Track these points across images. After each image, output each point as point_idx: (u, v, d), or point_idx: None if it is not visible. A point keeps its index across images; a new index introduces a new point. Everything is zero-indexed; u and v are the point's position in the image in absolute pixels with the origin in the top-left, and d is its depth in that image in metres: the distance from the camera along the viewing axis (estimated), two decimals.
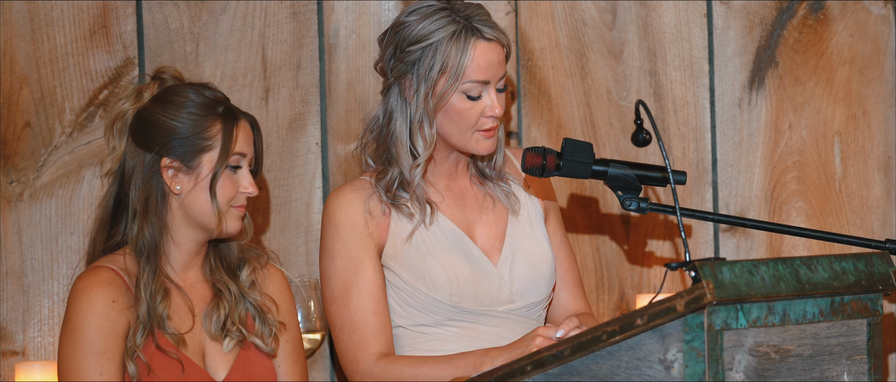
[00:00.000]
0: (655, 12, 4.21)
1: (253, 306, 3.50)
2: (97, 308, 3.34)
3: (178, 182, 3.40)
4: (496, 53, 3.55)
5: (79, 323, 3.33)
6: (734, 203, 4.25)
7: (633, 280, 4.24)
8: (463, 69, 3.52)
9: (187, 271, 3.48)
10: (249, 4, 4.10)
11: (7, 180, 4.02)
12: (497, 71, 3.56)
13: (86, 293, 3.35)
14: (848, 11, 4.25)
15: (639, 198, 3.46)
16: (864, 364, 3.16)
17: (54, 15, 4.03)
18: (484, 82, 3.54)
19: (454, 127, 3.57)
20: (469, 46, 3.52)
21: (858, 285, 3.12)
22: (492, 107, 3.55)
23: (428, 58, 3.53)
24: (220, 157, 3.40)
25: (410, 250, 3.58)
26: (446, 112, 3.56)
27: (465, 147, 3.60)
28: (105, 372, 3.31)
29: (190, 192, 3.41)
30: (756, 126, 4.24)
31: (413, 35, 3.55)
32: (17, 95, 4.02)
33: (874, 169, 4.27)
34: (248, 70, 4.11)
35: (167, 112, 3.41)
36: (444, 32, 3.52)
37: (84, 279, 3.38)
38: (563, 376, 3.06)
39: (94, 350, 3.32)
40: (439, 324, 3.59)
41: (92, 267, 3.42)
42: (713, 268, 2.95)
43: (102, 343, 3.32)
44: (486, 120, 3.56)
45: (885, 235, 4.26)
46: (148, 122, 3.42)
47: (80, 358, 3.32)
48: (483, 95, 3.55)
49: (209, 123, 3.41)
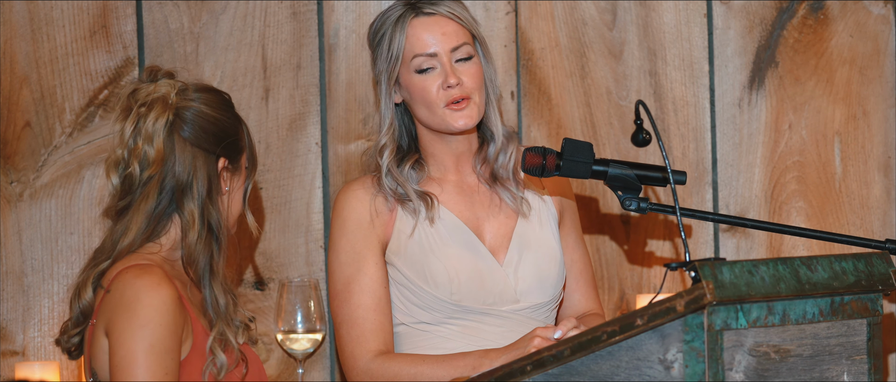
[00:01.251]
0: (655, 12, 4.21)
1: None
2: (169, 307, 3.19)
3: (226, 183, 3.35)
4: (440, 25, 3.58)
5: (148, 321, 3.18)
6: (734, 203, 4.25)
7: (633, 280, 4.24)
8: (402, 48, 3.57)
9: None
10: (249, 4, 4.10)
11: (7, 180, 4.02)
12: (443, 42, 3.57)
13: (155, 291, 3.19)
14: (848, 11, 4.25)
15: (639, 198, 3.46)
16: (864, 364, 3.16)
17: (54, 15, 4.03)
18: (431, 55, 3.56)
19: (423, 109, 3.59)
20: (406, 25, 3.57)
21: (858, 285, 3.12)
22: (447, 76, 3.56)
23: (383, 47, 3.61)
24: (249, 159, 3.36)
25: (413, 246, 3.58)
26: (410, 95, 3.59)
27: (442, 126, 3.59)
28: (171, 372, 3.25)
29: (228, 193, 3.35)
30: (756, 126, 4.24)
31: (373, 29, 3.64)
32: (17, 95, 4.02)
33: (874, 169, 4.27)
34: (248, 70, 4.11)
35: (221, 111, 3.30)
36: (390, 21, 3.60)
37: (147, 276, 3.21)
38: (563, 376, 3.06)
39: (163, 347, 3.18)
40: (441, 322, 3.59)
41: (144, 266, 3.25)
42: (713, 268, 2.95)
43: (171, 343, 3.23)
44: (445, 91, 3.57)
45: (885, 235, 4.26)
46: (210, 121, 3.28)
47: (152, 359, 3.18)
48: (436, 67, 3.57)
49: (239, 122, 3.37)
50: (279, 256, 4.11)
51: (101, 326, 3.31)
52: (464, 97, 3.58)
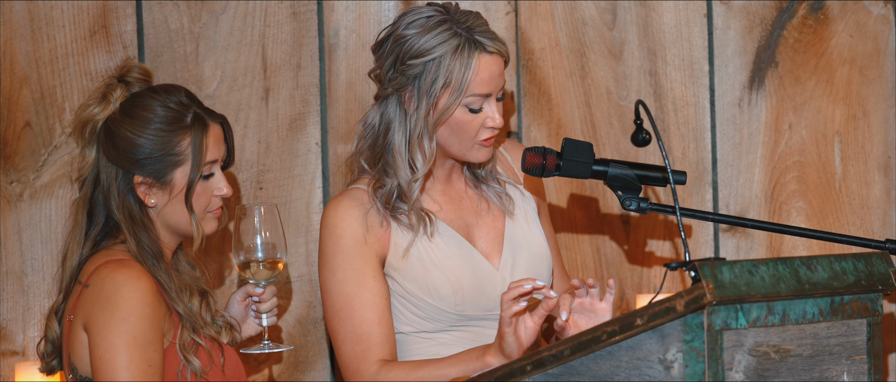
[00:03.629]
0: (655, 12, 4.21)
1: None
2: (148, 300, 3.28)
3: (152, 197, 3.39)
4: (498, 65, 3.54)
5: (128, 314, 3.26)
6: (734, 203, 4.25)
7: (633, 280, 4.24)
8: (466, 84, 3.50)
9: None
10: (249, 4, 4.10)
11: (7, 180, 4.02)
12: (498, 83, 3.55)
13: (134, 284, 3.29)
14: (848, 11, 4.25)
15: (639, 198, 3.46)
16: (863, 364, 3.16)
17: (54, 15, 4.03)
18: (486, 95, 3.54)
19: (455, 139, 3.56)
20: (473, 61, 3.50)
21: (858, 285, 3.13)
22: (493, 119, 3.55)
23: (430, 72, 3.51)
24: (192, 169, 3.38)
25: (413, 261, 3.57)
26: (448, 124, 3.54)
27: (465, 157, 3.59)
28: (154, 364, 3.27)
29: (165, 205, 3.40)
30: (756, 126, 4.24)
31: (415, 49, 3.51)
32: (17, 95, 4.02)
33: (874, 169, 4.27)
34: (248, 70, 4.11)
35: (135, 128, 3.37)
36: (446, 47, 3.50)
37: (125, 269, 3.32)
38: (563, 376, 3.06)
39: (144, 340, 3.26)
40: (442, 330, 3.59)
41: (121, 261, 3.35)
42: (713, 268, 2.95)
43: (152, 334, 3.27)
44: (486, 131, 3.56)
45: (885, 235, 4.26)
46: (117, 137, 3.39)
47: (129, 351, 3.25)
48: (484, 106, 3.55)
49: (179, 137, 3.38)
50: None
51: (79, 321, 3.34)
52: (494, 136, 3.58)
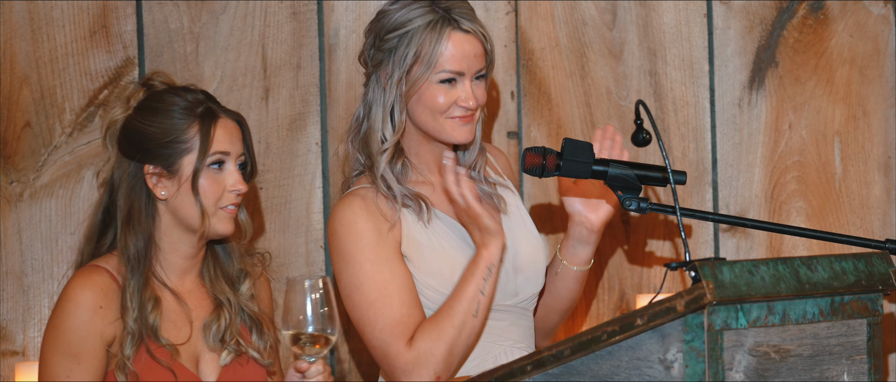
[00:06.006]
0: (655, 12, 4.21)
1: (251, 318, 3.49)
2: (81, 311, 3.35)
3: (162, 187, 3.41)
4: (473, 45, 3.56)
5: (61, 322, 3.36)
6: (734, 203, 4.25)
7: (633, 280, 4.24)
8: (436, 58, 3.53)
9: (184, 276, 3.47)
10: (249, 4, 4.10)
11: (7, 180, 4.02)
12: (472, 63, 3.56)
13: (75, 293, 3.37)
14: (848, 11, 4.25)
15: (639, 198, 3.46)
16: (864, 364, 3.16)
17: (54, 15, 4.03)
18: (458, 73, 3.55)
19: (428, 115, 3.57)
20: (444, 36, 3.54)
21: (858, 285, 3.13)
22: (466, 98, 3.56)
23: (404, 45, 3.55)
24: (198, 156, 3.40)
25: (422, 247, 3.58)
26: (419, 97, 3.57)
27: (440, 134, 3.59)
28: (73, 374, 3.32)
29: (175, 196, 3.41)
30: (756, 126, 4.24)
31: (391, 23, 3.57)
32: (17, 95, 4.02)
33: (874, 169, 4.27)
34: (248, 70, 4.11)
35: (146, 119, 3.42)
36: (421, 21, 3.54)
37: (79, 279, 3.40)
38: (563, 376, 3.06)
39: (68, 351, 3.34)
40: None
41: (91, 266, 3.42)
42: (713, 268, 2.95)
43: (77, 345, 3.34)
44: (459, 109, 3.57)
45: (885, 235, 4.26)
46: (129, 130, 3.43)
47: (53, 356, 3.35)
48: (457, 85, 3.56)
49: (187, 125, 3.41)
50: (279, 256, 4.11)
51: None
52: (472, 114, 3.59)
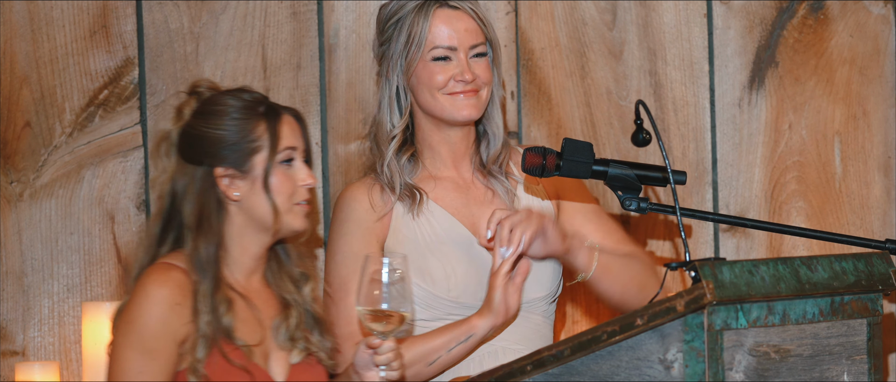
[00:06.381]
0: (655, 12, 4.21)
1: (313, 319, 3.49)
2: (159, 308, 3.30)
3: (235, 189, 3.39)
4: (463, 21, 3.60)
5: (136, 318, 3.29)
6: (734, 203, 4.25)
7: None
8: (425, 36, 3.58)
9: (251, 277, 3.45)
10: (249, 4, 4.10)
11: (7, 180, 4.02)
12: (464, 38, 3.59)
13: (152, 289, 3.31)
14: (848, 11, 4.25)
15: (639, 198, 3.46)
16: (864, 364, 3.16)
17: (54, 15, 4.03)
18: (450, 48, 3.58)
19: (427, 93, 3.60)
20: (430, 15, 3.58)
21: (858, 285, 3.13)
22: (462, 71, 3.58)
23: (397, 32, 3.60)
24: (269, 154, 3.40)
25: (409, 244, 3.58)
26: (418, 79, 3.60)
27: (442, 112, 3.60)
28: (145, 372, 3.28)
29: (249, 196, 3.39)
30: (756, 126, 4.24)
31: (386, 14, 3.63)
32: (17, 95, 4.02)
33: (874, 169, 4.27)
34: (248, 70, 4.11)
35: (211, 123, 3.39)
36: (410, 6, 3.60)
37: (155, 275, 3.34)
38: (563, 376, 3.06)
39: (142, 347, 3.28)
40: (439, 319, 3.58)
41: (164, 264, 3.37)
42: (713, 268, 2.95)
43: (153, 342, 3.29)
44: (456, 83, 3.59)
45: (885, 235, 4.26)
46: (194, 137, 3.40)
47: (127, 352, 3.29)
48: (452, 61, 3.59)
49: (253, 124, 3.40)
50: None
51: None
52: (473, 89, 3.59)
